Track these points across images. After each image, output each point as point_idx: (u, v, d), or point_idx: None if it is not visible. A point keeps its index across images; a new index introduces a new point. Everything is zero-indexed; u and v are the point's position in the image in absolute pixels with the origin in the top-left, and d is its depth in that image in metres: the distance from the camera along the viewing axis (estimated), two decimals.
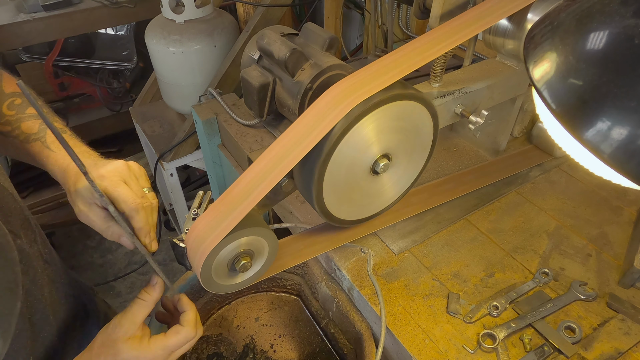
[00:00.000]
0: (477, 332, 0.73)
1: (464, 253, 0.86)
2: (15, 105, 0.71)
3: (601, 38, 0.42)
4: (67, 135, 0.70)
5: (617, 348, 0.70)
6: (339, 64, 0.96)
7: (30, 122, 0.70)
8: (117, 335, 0.58)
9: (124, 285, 2.26)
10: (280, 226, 0.93)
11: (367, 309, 0.80)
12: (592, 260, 0.84)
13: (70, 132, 0.71)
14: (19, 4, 2.02)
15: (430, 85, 0.84)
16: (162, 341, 0.60)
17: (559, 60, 0.44)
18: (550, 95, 0.44)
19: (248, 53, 1.09)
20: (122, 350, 0.58)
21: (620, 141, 0.39)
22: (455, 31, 0.71)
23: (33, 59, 2.58)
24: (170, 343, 0.60)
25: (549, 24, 0.48)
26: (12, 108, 0.71)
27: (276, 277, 0.98)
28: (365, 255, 0.85)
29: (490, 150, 1.08)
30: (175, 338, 0.61)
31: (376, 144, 0.69)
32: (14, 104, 0.71)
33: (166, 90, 1.81)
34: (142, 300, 0.61)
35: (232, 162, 1.22)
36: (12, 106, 0.71)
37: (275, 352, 0.94)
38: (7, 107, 0.71)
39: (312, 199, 0.70)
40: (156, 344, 0.60)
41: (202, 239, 0.61)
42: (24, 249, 0.61)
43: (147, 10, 2.14)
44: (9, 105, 0.71)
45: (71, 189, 0.63)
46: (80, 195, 0.62)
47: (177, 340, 0.61)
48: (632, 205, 0.94)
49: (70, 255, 2.38)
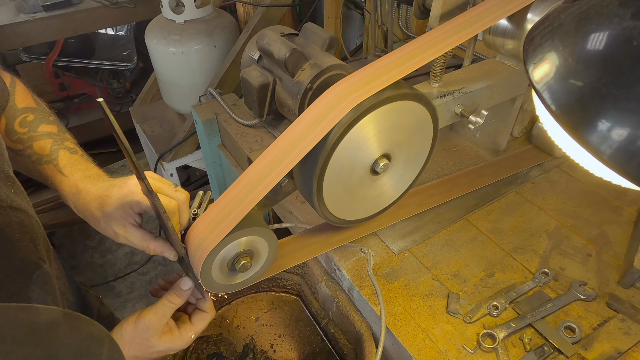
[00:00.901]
0: (477, 332, 0.73)
1: (464, 253, 0.86)
2: (27, 123, 0.69)
3: (600, 40, 0.42)
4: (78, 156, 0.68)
5: (617, 348, 0.70)
6: (339, 64, 0.96)
7: (43, 142, 0.68)
8: (149, 334, 0.63)
9: (124, 285, 2.26)
10: (280, 226, 0.93)
11: (367, 309, 0.80)
12: (592, 260, 0.84)
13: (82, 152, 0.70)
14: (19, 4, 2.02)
15: (430, 85, 0.84)
16: (192, 328, 0.66)
17: (558, 62, 0.44)
18: (550, 96, 0.44)
19: (248, 53, 1.09)
20: (157, 345, 0.63)
21: (620, 142, 0.39)
22: (455, 31, 0.71)
23: (33, 59, 2.59)
24: (198, 329, 0.67)
25: (548, 26, 0.48)
26: (25, 125, 0.69)
27: (276, 277, 0.98)
28: (365, 255, 0.85)
29: (490, 150, 1.08)
30: (202, 324, 0.67)
31: (376, 144, 0.69)
32: (27, 120, 0.69)
33: (166, 90, 1.81)
34: (171, 303, 0.64)
35: (232, 162, 1.22)
36: (24, 123, 0.69)
37: (275, 352, 0.94)
38: (19, 124, 0.69)
39: (312, 199, 0.70)
40: (187, 332, 0.66)
41: (202, 239, 0.61)
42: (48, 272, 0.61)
43: (147, 10, 2.14)
44: (21, 122, 0.69)
45: (97, 215, 0.62)
46: (113, 219, 0.62)
47: (204, 325, 0.68)
48: (632, 205, 0.94)
49: (70, 255, 2.38)
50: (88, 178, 0.65)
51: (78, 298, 0.75)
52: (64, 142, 0.69)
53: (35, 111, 0.71)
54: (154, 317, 0.63)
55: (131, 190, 0.61)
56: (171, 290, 0.65)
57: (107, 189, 0.62)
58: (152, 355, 0.64)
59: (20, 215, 0.56)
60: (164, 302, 0.64)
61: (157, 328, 0.63)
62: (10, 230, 0.54)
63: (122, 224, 0.62)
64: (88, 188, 0.64)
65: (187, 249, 0.63)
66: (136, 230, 0.63)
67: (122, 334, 0.63)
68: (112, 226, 0.62)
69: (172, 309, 0.64)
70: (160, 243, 0.64)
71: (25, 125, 0.69)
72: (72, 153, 0.68)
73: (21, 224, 0.56)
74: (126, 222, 0.62)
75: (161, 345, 0.63)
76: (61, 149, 0.68)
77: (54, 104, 2.79)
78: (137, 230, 0.63)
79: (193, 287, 0.66)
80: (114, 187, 0.62)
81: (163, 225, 0.60)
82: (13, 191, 0.56)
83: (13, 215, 0.55)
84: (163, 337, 0.64)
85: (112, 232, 0.63)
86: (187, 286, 0.65)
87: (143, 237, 0.63)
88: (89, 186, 0.64)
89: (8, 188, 0.56)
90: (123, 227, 0.62)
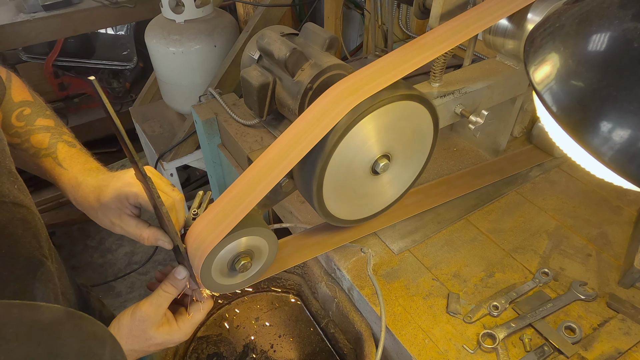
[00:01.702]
0: (477, 332, 0.73)
1: (464, 253, 0.86)
2: (24, 116, 0.69)
3: (600, 42, 0.42)
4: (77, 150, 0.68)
5: (617, 348, 0.70)
6: (339, 64, 0.96)
7: (40, 135, 0.68)
8: (146, 326, 0.62)
9: (124, 285, 2.26)
10: (280, 226, 0.93)
11: (367, 309, 0.80)
12: (592, 260, 0.84)
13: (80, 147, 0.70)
14: (19, 4, 2.02)
15: (430, 85, 0.84)
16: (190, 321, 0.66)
17: (559, 64, 0.45)
18: (551, 98, 0.44)
19: (248, 53, 1.09)
20: (154, 337, 0.63)
21: (621, 144, 0.39)
22: (455, 31, 0.71)
23: (33, 59, 2.58)
24: (196, 320, 0.67)
25: (548, 28, 0.48)
26: (22, 119, 0.69)
27: (276, 277, 0.98)
28: (365, 255, 0.85)
29: (490, 150, 1.08)
30: (199, 315, 0.67)
31: (376, 144, 0.69)
32: (23, 114, 0.69)
33: (166, 90, 1.81)
34: (166, 293, 0.63)
35: (232, 162, 1.22)
36: (21, 117, 0.69)
37: (275, 352, 0.94)
38: (16, 117, 0.69)
39: (312, 199, 0.70)
40: (185, 324, 0.65)
41: (202, 239, 0.61)
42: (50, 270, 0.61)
43: (147, 10, 2.14)
44: (18, 115, 0.69)
45: (95, 205, 0.63)
46: (109, 209, 0.62)
47: (201, 316, 0.67)
48: (632, 205, 0.94)
49: (70, 255, 2.38)
50: (87, 171, 0.65)
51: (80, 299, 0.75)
52: (61, 136, 0.69)
53: (32, 105, 0.71)
54: (150, 308, 0.63)
55: (129, 181, 0.61)
56: (166, 280, 0.64)
57: (105, 180, 0.62)
58: (150, 348, 0.64)
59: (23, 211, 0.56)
60: (159, 292, 0.64)
61: (154, 319, 0.63)
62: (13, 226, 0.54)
63: (118, 213, 0.62)
64: (87, 180, 0.64)
65: (187, 249, 0.63)
66: (131, 219, 0.63)
67: (120, 328, 0.62)
68: (108, 216, 0.63)
69: (168, 299, 0.64)
70: (154, 231, 0.63)
71: (22, 119, 0.69)
72: (70, 146, 0.69)
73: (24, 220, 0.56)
74: (122, 212, 0.62)
75: (159, 337, 0.63)
76: (59, 142, 0.68)
77: (54, 104, 2.78)
78: (132, 219, 0.63)
79: (188, 276, 0.65)
80: (112, 178, 0.63)
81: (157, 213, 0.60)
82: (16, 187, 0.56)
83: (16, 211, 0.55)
84: (160, 328, 0.63)
85: (109, 222, 0.63)
86: (182, 275, 0.64)
87: (137, 225, 0.63)
88: (88, 179, 0.64)
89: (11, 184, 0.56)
90: (119, 217, 0.63)
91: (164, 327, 0.64)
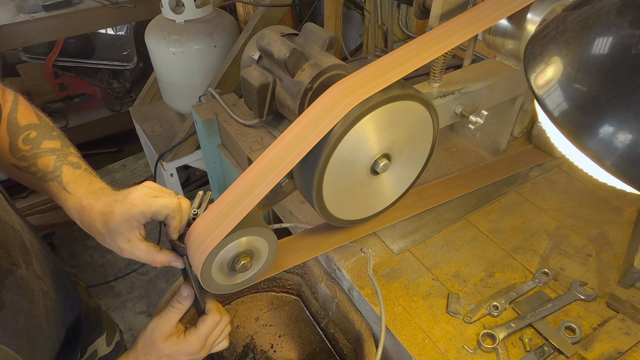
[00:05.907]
0: (477, 332, 0.73)
1: (464, 253, 0.86)
2: (30, 140, 0.69)
3: (599, 48, 0.42)
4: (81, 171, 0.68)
5: (617, 348, 0.70)
6: (339, 64, 0.96)
7: (46, 158, 0.68)
8: (155, 337, 0.66)
9: (124, 285, 2.26)
10: (280, 226, 0.93)
11: (367, 309, 0.80)
12: (592, 260, 0.84)
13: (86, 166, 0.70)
14: (19, 4, 2.02)
15: (430, 85, 0.84)
16: (195, 332, 0.68)
17: (559, 70, 0.45)
18: (551, 104, 0.45)
19: (248, 53, 1.09)
20: (163, 348, 0.66)
21: (621, 150, 0.39)
22: (455, 31, 0.71)
23: (33, 59, 2.58)
24: (201, 331, 0.68)
25: (548, 35, 0.49)
26: (28, 142, 0.69)
27: (276, 277, 0.98)
28: (365, 255, 0.85)
29: (490, 150, 1.08)
30: (204, 325, 0.69)
31: (376, 144, 0.69)
32: (29, 137, 0.70)
33: (166, 90, 1.81)
34: (175, 308, 0.68)
35: (232, 162, 1.22)
36: (27, 140, 0.69)
37: (275, 352, 0.94)
38: (23, 141, 0.69)
39: (312, 199, 0.70)
40: (191, 335, 0.68)
41: (202, 239, 0.61)
42: (23, 276, 0.62)
43: (147, 10, 2.15)
44: (25, 139, 0.69)
45: (103, 231, 0.63)
46: (117, 233, 0.62)
47: (206, 327, 0.69)
48: (632, 205, 0.94)
49: (70, 255, 2.38)
50: (92, 193, 0.65)
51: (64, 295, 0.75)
52: (67, 157, 0.69)
53: (38, 127, 0.71)
54: (159, 320, 0.67)
55: (133, 203, 0.61)
56: (174, 297, 0.69)
57: (110, 205, 0.62)
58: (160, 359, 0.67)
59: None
60: (169, 307, 0.68)
61: (163, 331, 0.66)
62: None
63: (127, 238, 0.62)
64: (92, 204, 0.64)
65: (187, 249, 0.64)
66: (141, 244, 0.63)
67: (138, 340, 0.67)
68: (117, 242, 0.63)
69: (176, 313, 0.67)
70: (166, 254, 0.65)
71: (29, 143, 0.69)
72: (75, 168, 0.68)
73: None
74: (131, 236, 0.62)
75: (167, 347, 0.66)
76: (64, 164, 0.68)
77: (53, 104, 2.78)
78: (142, 244, 0.64)
79: (192, 294, 0.68)
80: (116, 203, 0.62)
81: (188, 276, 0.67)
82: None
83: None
84: (169, 339, 0.67)
85: (118, 247, 0.63)
86: (185, 293, 0.68)
87: (148, 250, 0.64)
88: (92, 202, 0.64)
89: None
90: (128, 242, 0.63)
91: (172, 338, 0.67)
